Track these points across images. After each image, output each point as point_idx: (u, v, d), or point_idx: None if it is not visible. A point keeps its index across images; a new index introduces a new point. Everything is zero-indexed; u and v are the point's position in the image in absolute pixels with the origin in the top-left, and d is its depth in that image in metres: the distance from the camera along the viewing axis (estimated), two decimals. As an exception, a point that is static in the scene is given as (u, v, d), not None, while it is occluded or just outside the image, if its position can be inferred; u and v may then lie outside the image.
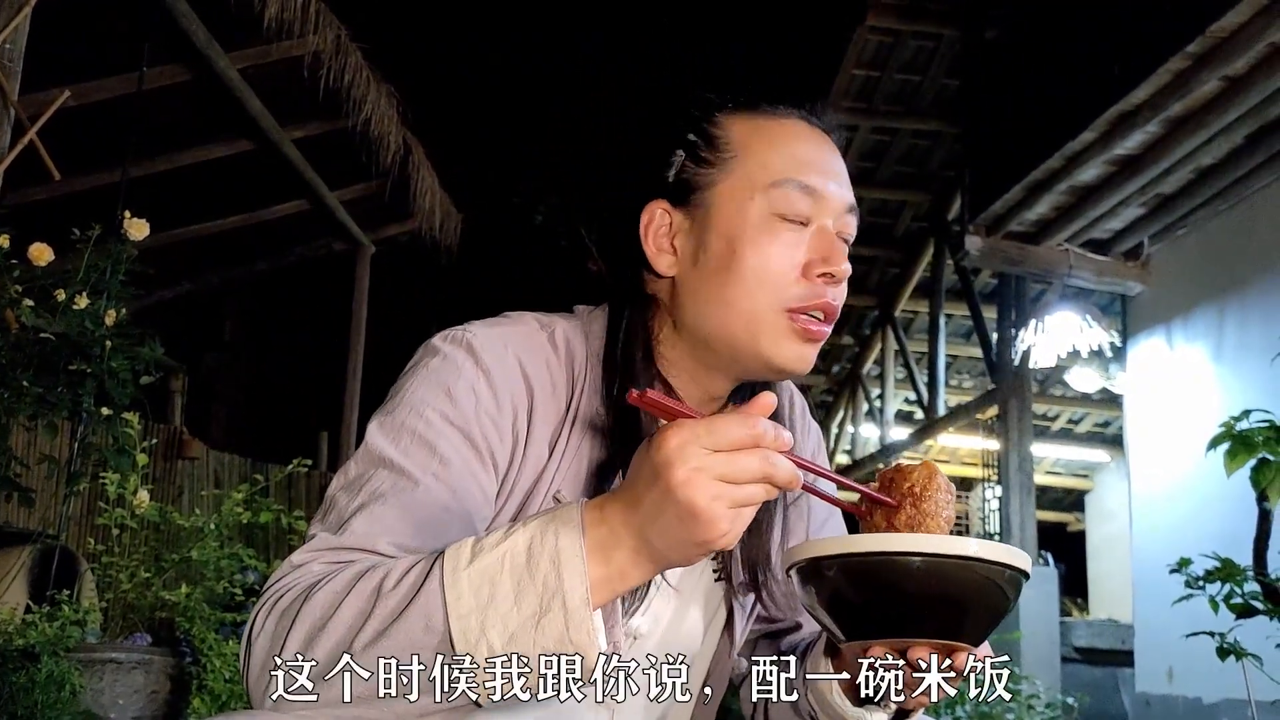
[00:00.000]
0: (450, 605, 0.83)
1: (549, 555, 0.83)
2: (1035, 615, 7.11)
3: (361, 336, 7.77)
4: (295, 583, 0.91)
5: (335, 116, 6.13)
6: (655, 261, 1.14)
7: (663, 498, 0.79)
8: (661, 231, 1.15)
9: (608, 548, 0.83)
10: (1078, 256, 6.80)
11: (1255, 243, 6.03)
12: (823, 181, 1.10)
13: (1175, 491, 6.31)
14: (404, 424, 1.03)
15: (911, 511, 0.93)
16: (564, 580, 0.82)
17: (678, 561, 0.85)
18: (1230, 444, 2.21)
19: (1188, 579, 2.36)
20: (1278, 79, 4.90)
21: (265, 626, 0.89)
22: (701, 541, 0.80)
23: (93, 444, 3.61)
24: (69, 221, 3.59)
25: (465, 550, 0.85)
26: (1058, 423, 12.93)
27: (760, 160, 1.11)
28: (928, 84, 8.76)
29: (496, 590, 0.83)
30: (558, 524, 0.84)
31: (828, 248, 1.09)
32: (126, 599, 3.61)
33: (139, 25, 5.15)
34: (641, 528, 0.82)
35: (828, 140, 1.16)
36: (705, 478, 0.78)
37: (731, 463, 0.79)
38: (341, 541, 0.95)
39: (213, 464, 7.45)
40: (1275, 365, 2.44)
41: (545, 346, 1.13)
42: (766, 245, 1.08)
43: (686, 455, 0.78)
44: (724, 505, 0.79)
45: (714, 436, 0.78)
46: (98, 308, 3.46)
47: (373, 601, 0.85)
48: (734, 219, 1.10)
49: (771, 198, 1.09)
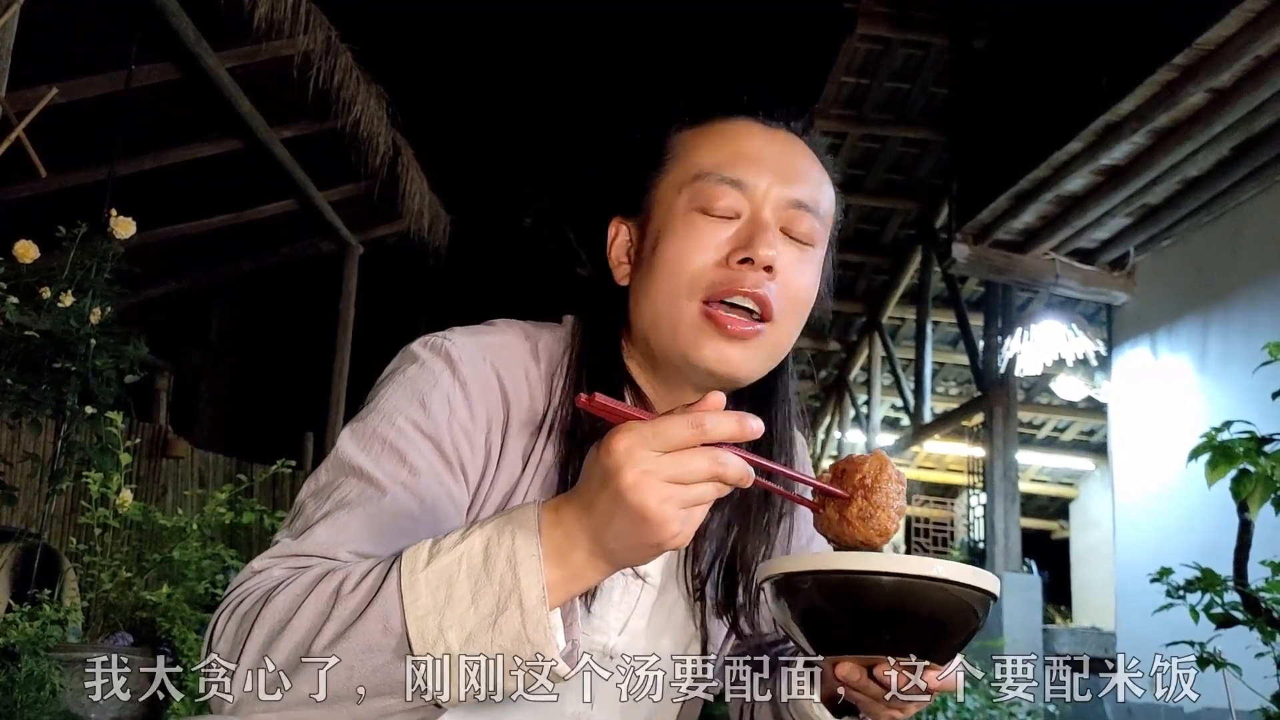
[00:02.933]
0: (408, 606, 0.83)
1: (505, 555, 0.83)
2: (1018, 622, 7.14)
3: (348, 337, 7.75)
4: (256, 587, 0.91)
5: (324, 117, 6.12)
6: (615, 272, 1.16)
7: (613, 501, 0.79)
8: (623, 246, 1.17)
9: (563, 549, 0.83)
10: (1064, 266, 6.83)
11: (1240, 254, 6.06)
12: (755, 174, 1.09)
13: (1158, 500, 6.34)
14: (376, 431, 1.02)
15: (863, 503, 0.93)
16: (520, 579, 0.82)
17: (633, 562, 0.85)
18: (1211, 455, 2.22)
19: (1169, 588, 2.37)
20: (1264, 92, 4.93)
21: (225, 631, 0.89)
22: (654, 543, 0.80)
23: (76, 442, 3.59)
24: (55, 219, 3.58)
25: (423, 552, 0.85)
26: (1043, 430, 12.98)
27: (690, 160, 1.11)
28: (917, 92, 8.79)
29: (454, 591, 0.83)
30: (514, 525, 0.84)
31: (751, 233, 1.07)
32: (108, 598, 3.59)
33: (128, 23, 5.14)
34: (595, 530, 0.82)
35: (788, 140, 1.14)
36: (654, 480, 0.78)
37: (679, 463, 0.78)
38: (302, 548, 0.95)
39: (197, 463, 7.42)
40: (1258, 376, 2.46)
41: (526, 357, 1.13)
42: (683, 236, 1.08)
43: (634, 458, 0.77)
44: (674, 506, 0.78)
45: (660, 438, 0.78)
46: (83, 306, 3.45)
47: (331, 603, 0.85)
48: (661, 218, 1.11)
49: (693, 191, 1.09)
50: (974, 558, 8.51)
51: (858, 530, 0.94)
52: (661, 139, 1.16)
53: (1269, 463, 2.16)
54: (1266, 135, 5.42)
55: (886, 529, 0.94)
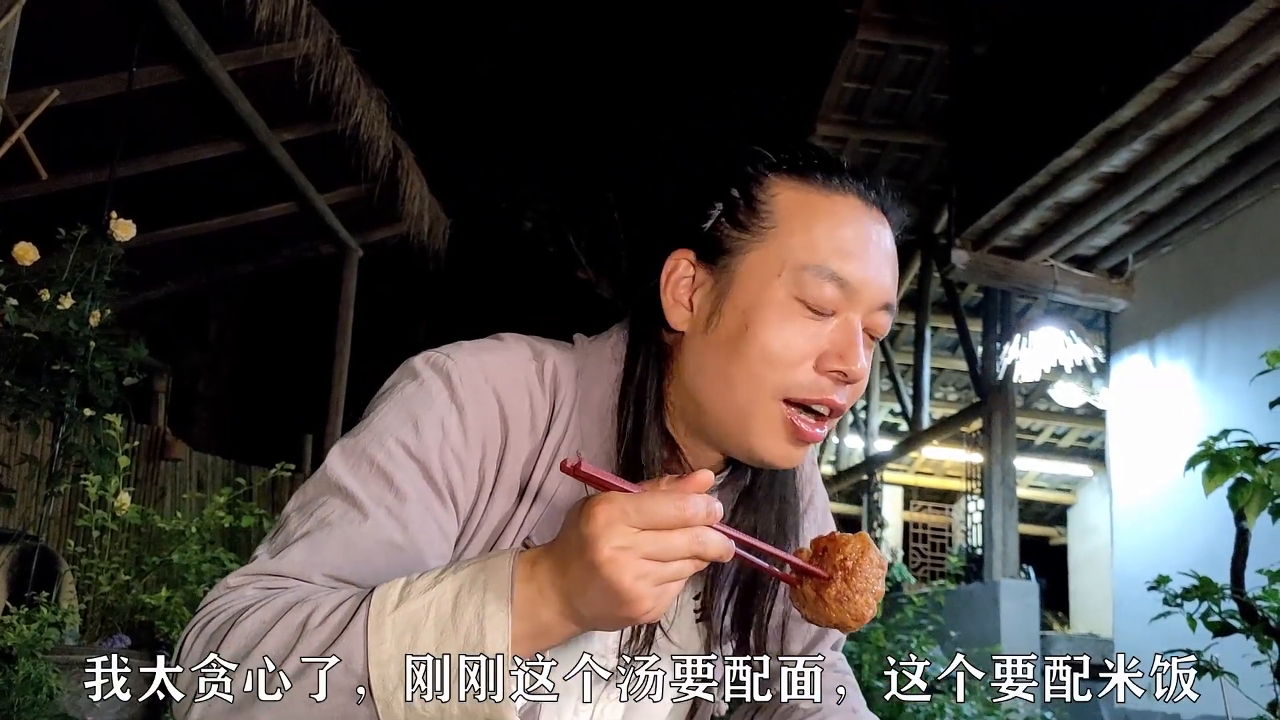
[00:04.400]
0: (371, 650, 0.82)
1: (474, 608, 0.82)
2: (1016, 628, 7.14)
3: (347, 340, 7.75)
4: (226, 606, 0.91)
5: (325, 120, 6.12)
6: (670, 313, 1.08)
7: (588, 572, 0.78)
8: (683, 284, 1.08)
9: (535, 605, 0.82)
10: (1063, 272, 6.84)
11: (1238, 262, 6.07)
12: (860, 274, 1.03)
13: (1156, 507, 6.35)
14: (365, 452, 1.00)
15: (842, 586, 0.92)
16: (486, 636, 0.81)
17: (602, 628, 0.85)
18: (1209, 463, 2.22)
19: (1166, 596, 2.37)
20: (1262, 100, 4.94)
21: (193, 649, 0.89)
22: (625, 617, 0.80)
23: (75, 445, 3.59)
24: (55, 221, 3.58)
25: (394, 592, 0.84)
26: (1041, 437, 12.98)
27: (797, 239, 1.03)
28: (917, 98, 8.80)
29: (419, 638, 0.82)
30: (487, 575, 0.83)
31: (847, 343, 1.03)
32: (106, 601, 3.59)
33: (129, 25, 5.13)
34: (568, 592, 0.81)
35: (881, 223, 1.09)
36: (631, 557, 0.77)
37: (659, 541, 0.78)
38: (278, 567, 0.94)
39: (196, 465, 7.42)
40: (1256, 384, 2.46)
41: (532, 378, 1.08)
42: (781, 327, 1.02)
43: (613, 534, 0.77)
44: (648, 584, 0.78)
45: (643, 516, 0.77)
46: (82, 308, 3.45)
47: (297, 636, 0.85)
48: (755, 293, 1.03)
49: (799, 281, 1.02)
50: (972, 564, 8.50)
51: (833, 612, 0.93)
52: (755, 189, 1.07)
53: (1266, 471, 2.16)
54: (1265, 143, 5.44)
55: (863, 615, 0.94)
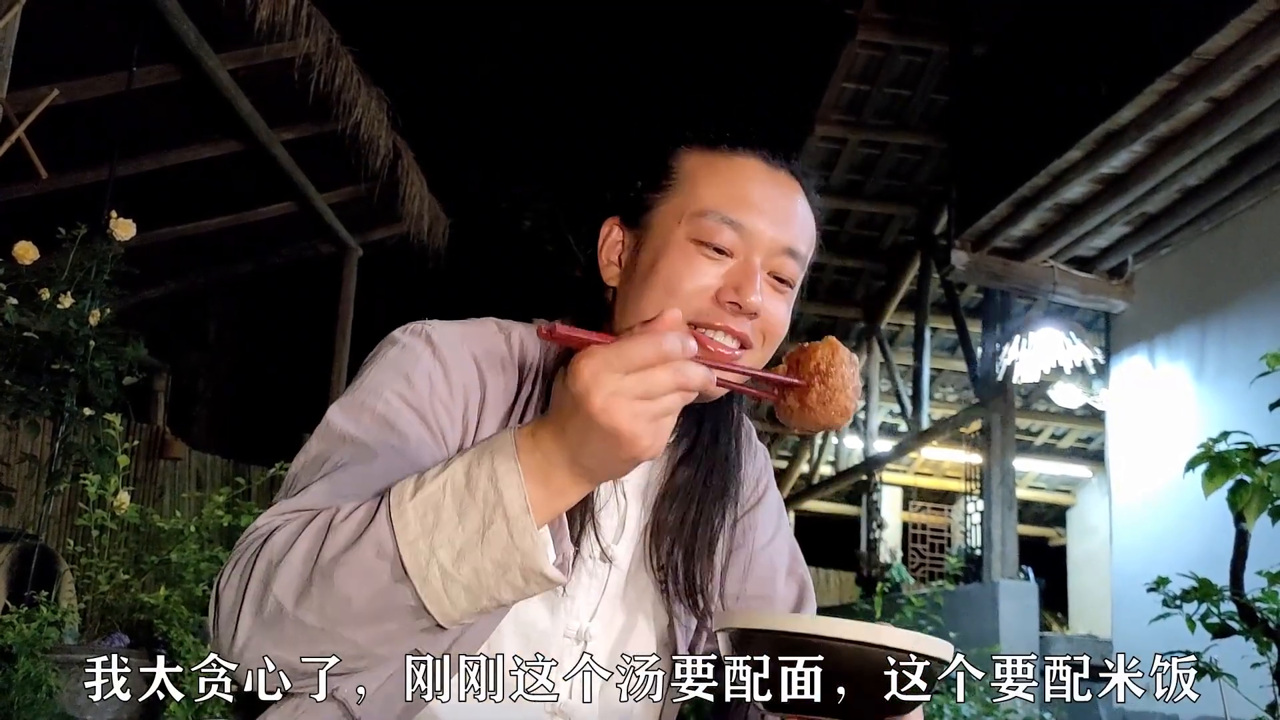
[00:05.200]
0: (399, 532, 0.87)
1: (486, 474, 0.87)
2: (1015, 629, 7.14)
3: (347, 339, 7.75)
4: (256, 539, 0.96)
5: (325, 119, 6.12)
6: (604, 272, 1.22)
7: (585, 425, 0.82)
8: (615, 248, 1.22)
9: (543, 470, 0.87)
10: (1062, 273, 6.84)
11: (1238, 263, 6.07)
12: (754, 219, 1.14)
13: (1156, 508, 6.35)
14: (364, 404, 1.08)
15: (821, 389, 0.97)
16: (503, 493, 0.86)
17: (612, 475, 0.89)
18: (1208, 465, 2.22)
19: (1165, 598, 2.37)
20: (1263, 102, 4.94)
21: (231, 578, 0.94)
22: (629, 458, 0.84)
23: (74, 444, 3.59)
24: (55, 220, 3.58)
25: (408, 485, 0.89)
26: (1040, 438, 12.99)
27: (699, 190, 1.16)
28: (917, 99, 8.81)
29: (441, 514, 0.87)
30: (493, 448, 0.88)
31: (743, 277, 1.12)
32: (105, 600, 3.59)
33: (129, 24, 5.14)
34: (572, 450, 0.86)
35: (787, 183, 1.20)
36: (622, 400, 0.81)
37: (645, 381, 0.82)
38: (300, 503, 0.99)
39: (195, 464, 7.42)
40: (1256, 386, 2.46)
41: (502, 346, 1.19)
42: (680, 264, 1.13)
43: (601, 382, 0.81)
44: (644, 421, 0.82)
45: (624, 359, 0.81)
46: (82, 307, 3.45)
47: (324, 535, 0.90)
48: (662, 238, 1.16)
49: (696, 225, 1.14)
50: (971, 565, 8.50)
51: (819, 415, 0.98)
52: (666, 158, 1.21)
53: (1266, 473, 2.16)
54: (1265, 145, 5.44)
55: (846, 409, 0.98)
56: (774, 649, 0.88)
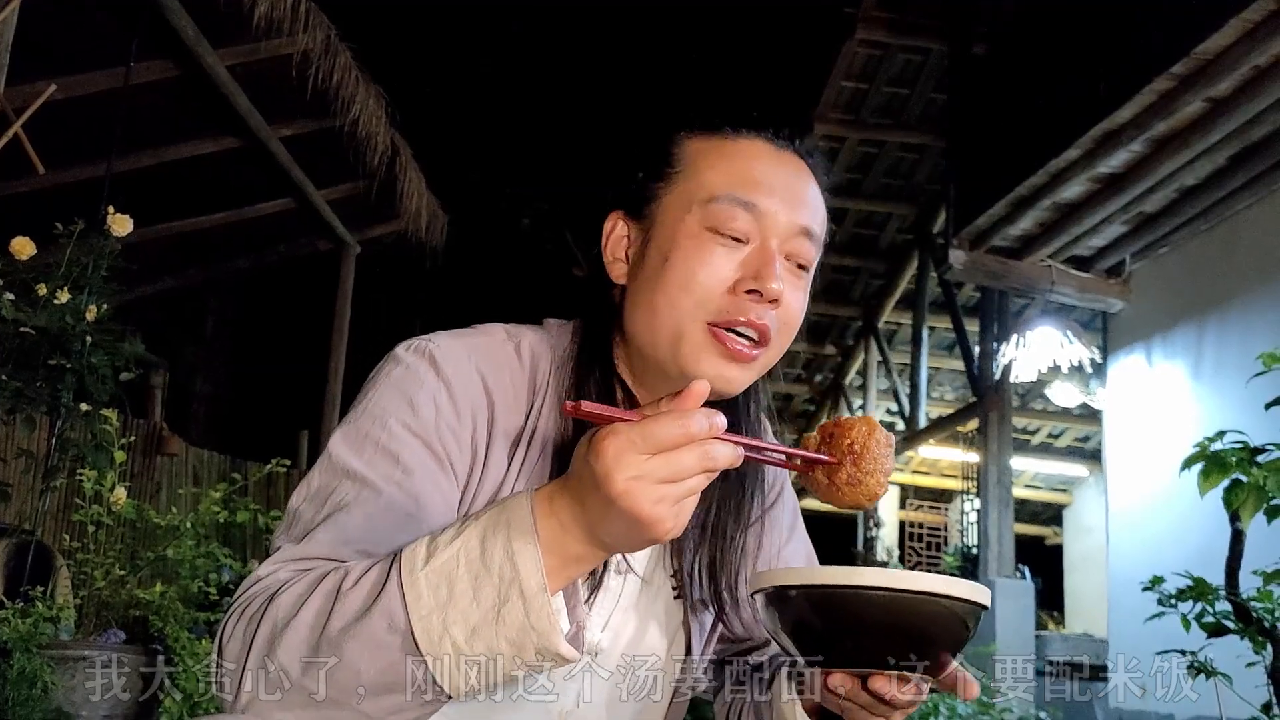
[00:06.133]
0: (410, 605, 0.84)
1: (502, 547, 0.84)
2: (1011, 628, 7.14)
3: (344, 336, 7.75)
4: (262, 590, 0.93)
5: (323, 116, 6.11)
6: (610, 269, 1.17)
7: (606, 505, 0.80)
8: (620, 243, 1.17)
9: (559, 539, 0.84)
10: (1060, 272, 6.84)
11: (1235, 263, 6.08)
12: (769, 200, 1.09)
13: (1152, 508, 6.36)
14: (367, 435, 1.03)
15: (852, 470, 0.94)
16: (519, 569, 0.83)
17: (628, 550, 0.87)
18: (1204, 464, 2.22)
19: (1161, 597, 2.37)
20: (1261, 101, 4.94)
21: (234, 632, 0.91)
22: (649, 539, 0.82)
23: (71, 439, 3.58)
24: (52, 215, 3.58)
25: (420, 550, 0.86)
26: (1038, 437, 12.99)
27: (706, 176, 1.11)
28: (915, 98, 8.80)
29: (455, 587, 0.84)
30: (509, 515, 0.85)
31: (761, 263, 1.08)
32: (101, 596, 3.58)
33: (127, 20, 5.13)
34: (590, 524, 0.83)
35: (795, 163, 1.15)
36: (645, 484, 0.78)
37: (670, 464, 0.79)
38: (306, 551, 0.96)
39: (192, 461, 7.41)
40: (1252, 385, 2.46)
41: (510, 358, 1.13)
42: (693, 256, 1.08)
43: (625, 465, 0.78)
44: (666, 506, 0.80)
45: (650, 441, 0.78)
46: (79, 303, 3.45)
47: (333, 600, 0.87)
48: (671, 229, 1.10)
49: (707, 212, 1.09)
50: (967, 563, 8.51)
51: (846, 495, 0.95)
52: (668, 145, 1.16)
53: (1261, 473, 2.16)
54: (1263, 145, 5.44)
55: (875, 494, 0.95)
56: (808, 603, 0.88)
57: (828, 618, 0.89)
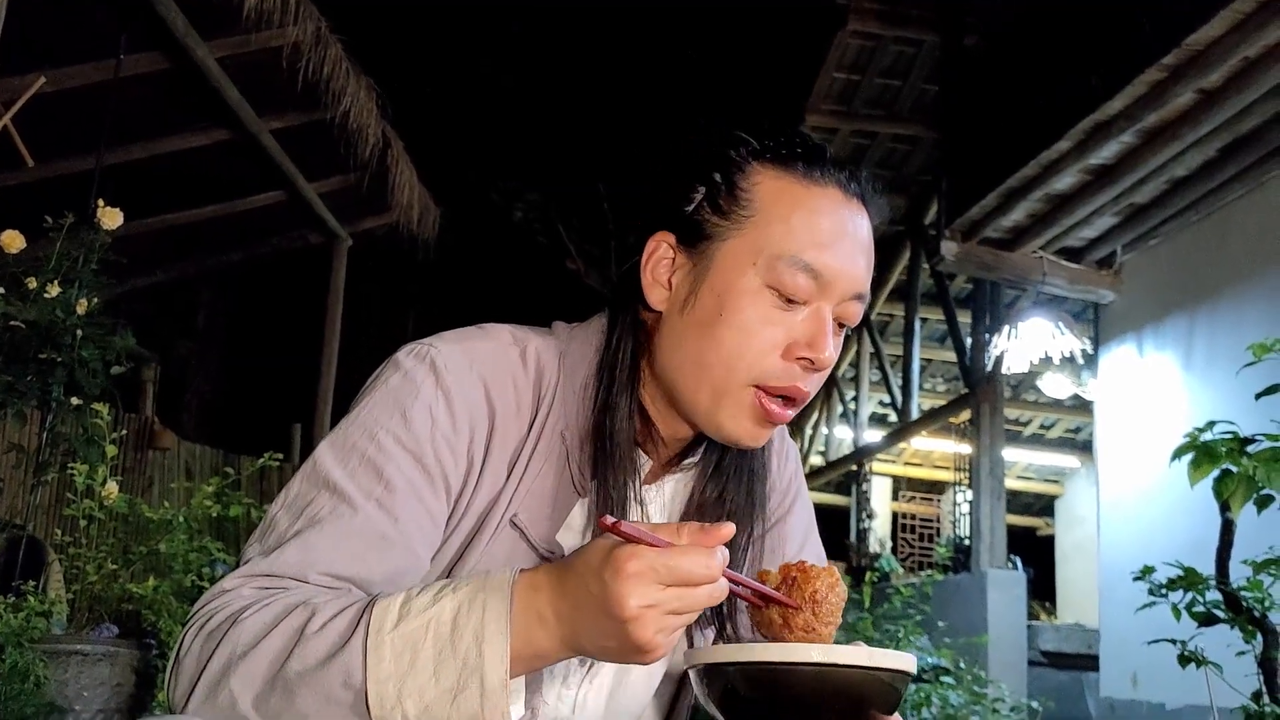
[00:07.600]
0: (370, 668, 0.84)
1: (473, 631, 0.83)
2: (1003, 619, 7.17)
3: (336, 329, 7.73)
4: (225, 606, 0.92)
5: (314, 108, 6.09)
6: (649, 291, 1.10)
7: (606, 619, 0.80)
8: (662, 265, 1.10)
9: (533, 629, 0.84)
10: (1051, 264, 6.86)
11: (1226, 254, 6.09)
12: (834, 266, 1.04)
13: (1143, 498, 6.38)
14: (354, 446, 1.01)
15: (810, 618, 0.94)
16: (484, 658, 0.83)
17: (600, 659, 0.86)
18: (1194, 455, 2.23)
19: (1151, 586, 2.38)
20: (1252, 92, 4.95)
21: (192, 648, 0.90)
22: (634, 660, 0.82)
23: (62, 434, 3.58)
24: (42, 208, 3.57)
25: (393, 610, 0.86)
26: (1029, 428, 13.03)
27: (775, 228, 1.04)
28: (907, 89, 8.80)
29: (417, 658, 0.83)
30: (486, 595, 0.84)
31: (816, 332, 1.04)
32: (93, 590, 3.57)
33: (117, 12, 5.11)
34: (574, 628, 0.83)
35: (859, 215, 1.09)
36: (655, 613, 0.79)
37: (684, 598, 0.80)
38: (272, 568, 0.94)
39: (184, 455, 7.40)
40: (1242, 376, 2.47)
41: (515, 364, 1.10)
42: (753, 315, 1.03)
43: (642, 592, 0.79)
44: (666, 635, 0.81)
45: (673, 574, 0.79)
46: (69, 296, 3.44)
47: (294, 641, 0.86)
48: (731, 279, 1.04)
49: (774, 269, 1.03)
50: (959, 554, 8.53)
51: (798, 640, 0.95)
52: (737, 176, 1.07)
53: (1251, 463, 2.17)
54: (1254, 136, 5.45)
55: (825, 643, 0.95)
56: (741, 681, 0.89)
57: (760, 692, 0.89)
